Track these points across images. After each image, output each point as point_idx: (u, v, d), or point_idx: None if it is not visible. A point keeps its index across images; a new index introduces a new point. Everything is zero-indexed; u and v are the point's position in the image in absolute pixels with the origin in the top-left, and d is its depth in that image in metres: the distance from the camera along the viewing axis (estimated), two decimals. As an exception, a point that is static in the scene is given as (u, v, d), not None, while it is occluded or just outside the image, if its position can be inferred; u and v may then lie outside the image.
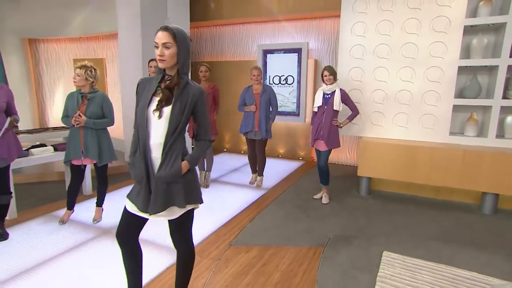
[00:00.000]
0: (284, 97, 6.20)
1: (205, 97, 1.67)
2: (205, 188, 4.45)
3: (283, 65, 6.14)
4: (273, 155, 6.45)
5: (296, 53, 5.98)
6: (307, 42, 5.89)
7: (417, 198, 4.14)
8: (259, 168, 4.55)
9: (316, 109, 3.82)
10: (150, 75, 4.01)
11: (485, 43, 3.81)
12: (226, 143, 7.08)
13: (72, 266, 2.46)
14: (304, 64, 5.92)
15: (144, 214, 1.62)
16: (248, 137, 4.40)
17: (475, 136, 3.93)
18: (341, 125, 3.82)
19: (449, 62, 3.87)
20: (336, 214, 3.60)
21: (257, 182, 4.58)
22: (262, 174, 4.58)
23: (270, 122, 4.29)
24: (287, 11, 5.87)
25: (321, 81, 3.77)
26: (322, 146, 3.77)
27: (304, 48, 5.88)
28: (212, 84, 4.37)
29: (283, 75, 6.19)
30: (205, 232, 3.09)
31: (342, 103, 3.74)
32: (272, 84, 6.28)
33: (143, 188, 1.60)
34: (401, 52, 4.09)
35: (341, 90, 3.73)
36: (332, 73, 3.65)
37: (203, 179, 4.49)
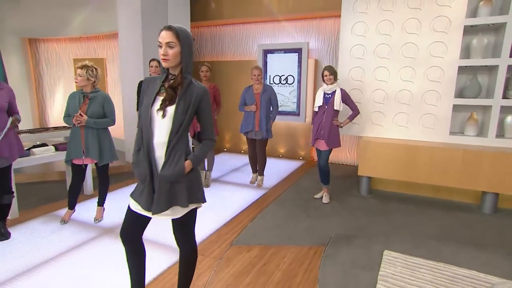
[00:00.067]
0: (284, 97, 6.21)
1: (209, 96, 1.68)
2: (205, 187, 4.46)
3: (283, 65, 6.14)
4: (274, 154, 6.46)
5: (297, 53, 5.99)
6: (307, 42, 5.90)
7: (417, 198, 4.15)
8: (259, 168, 4.56)
9: (316, 109, 3.83)
10: (151, 75, 4.02)
11: (485, 43, 3.82)
12: (226, 142, 7.08)
13: (74, 265, 2.47)
14: (304, 64, 5.93)
15: (148, 213, 1.63)
16: (249, 136, 4.41)
17: (475, 136, 3.94)
18: (342, 125, 3.83)
19: (449, 62, 3.88)
20: (336, 213, 3.62)
21: (258, 181, 4.58)
22: (262, 173, 4.59)
23: (270, 122, 4.30)
24: (287, 11, 5.88)
25: (322, 81, 3.79)
26: (322, 146, 3.78)
27: (304, 48, 5.88)
28: (213, 84, 4.38)
29: (283, 75, 6.19)
30: (207, 231, 3.11)
31: (343, 103, 3.75)
32: (272, 84, 6.28)
33: (147, 187, 1.60)
34: (402, 52, 4.10)
35: (342, 90, 3.74)
36: (333, 73, 3.66)
37: (204, 179, 4.50)
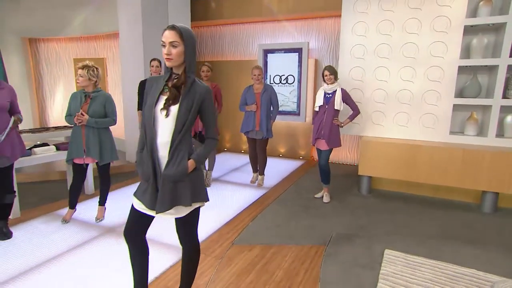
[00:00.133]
0: (284, 97, 6.22)
1: (212, 96, 1.69)
2: (206, 187, 4.45)
3: (283, 64, 6.15)
4: (274, 154, 6.47)
5: (297, 53, 6.00)
6: (308, 42, 5.91)
7: (417, 197, 4.16)
8: (260, 167, 4.57)
9: (317, 109, 3.84)
10: (151, 75, 4.03)
11: (485, 43, 3.84)
12: (226, 142, 7.09)
13: (75, 264, 2.48)
14: (304, 63, 5.94)
15: (151, 212, 1.64)
16: (249, 136, 4.42)
17: (475, 135, 3.95)
18: (342, 125, 3.84)
19: (449, 61, 3.89)
20: (337, 212, 3.63)
21: (258, 181, 4.59)
22: (263, 173, 4.60)
23: (271, 122, 4.31)
24: (288, 11, 5.89)
25: (322, 80, 3.80)
26: (323, 145, 3.79)
27: (304, 47, 5.89)
28: (214, 83, 4.39)
29: (283, 75, 6.20)
30: (208, 230, 3.12)
31: (343, 103, 3.76)
32: (272, 83, 6.29)
33: (150, 186, 1.61)
34: (402, 52, 4.11)
35: (342, 89, 3.75)
36: (333, 73, 3.67)
37: (205, 178, 4.50)
